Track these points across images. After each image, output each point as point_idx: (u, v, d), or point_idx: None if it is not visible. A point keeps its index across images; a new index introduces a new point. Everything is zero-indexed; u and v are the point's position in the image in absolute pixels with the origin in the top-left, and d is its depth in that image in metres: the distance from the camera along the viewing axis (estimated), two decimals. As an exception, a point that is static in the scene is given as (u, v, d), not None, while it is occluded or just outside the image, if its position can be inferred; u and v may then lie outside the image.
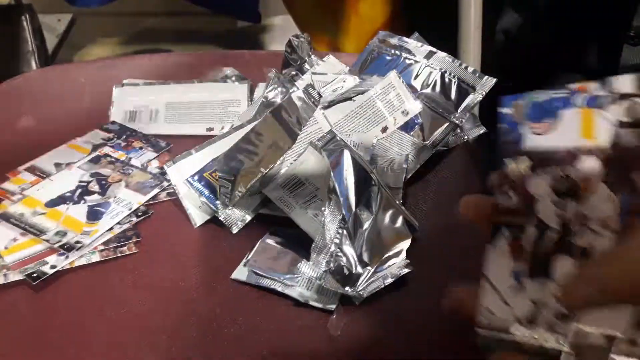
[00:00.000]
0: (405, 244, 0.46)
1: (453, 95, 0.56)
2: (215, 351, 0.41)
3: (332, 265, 0.43)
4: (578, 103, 0.25)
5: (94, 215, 0.49)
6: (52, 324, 0.42)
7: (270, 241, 0.48)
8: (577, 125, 0.24)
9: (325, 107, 0.54)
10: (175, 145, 0.58)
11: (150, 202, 0.52)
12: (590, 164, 0.24)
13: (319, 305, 0.43)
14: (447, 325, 0.43)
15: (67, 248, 0.46)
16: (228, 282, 0.45)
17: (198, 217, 0.50)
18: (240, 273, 0.45)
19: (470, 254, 0.48)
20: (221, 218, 0.49)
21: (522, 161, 0.25)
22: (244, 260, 0.46)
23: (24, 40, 1.09)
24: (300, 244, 0.47)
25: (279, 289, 0.44)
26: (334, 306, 0.43)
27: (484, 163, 0.58)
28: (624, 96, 0.23)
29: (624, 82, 0.23)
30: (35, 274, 0.44)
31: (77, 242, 0.47)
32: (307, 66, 0.62)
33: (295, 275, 0.44)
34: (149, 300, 0.44)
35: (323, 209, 0.47)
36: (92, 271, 0.46)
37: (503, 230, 0.26)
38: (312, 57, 0.63)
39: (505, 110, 0.26)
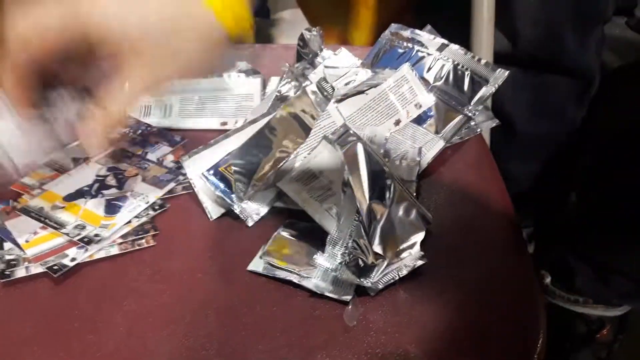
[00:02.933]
0: (420, 236, 0.46)
1: (466, 88, 0.56)
2: (233, 341, 0.42)
3: (347, 257, 0.44)
4: None
5: (111, 208, 0.50)
6: (72, 315, 0.43)
7: (285, 234, 0.49)
8: None
9: (338, 101, 0.54)
10: (189, 140, 0.59)
11: (167, 196, 0.52)
12: None
13: (335, 296, 0.43)
14: (462, 317, 0.43)
15: (87, 241, 0.47)
16: (245, 274, 0.46)
17: (214, 211, 0.51)
18: (257, 265, 0.46)
19: (484, 245, 0.49)
20: (237, 211, 0.50)
21: None
22: (259, 253, 0.47)
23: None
24: (314, 236, 0.48)
25: (295, 281, 0.44)
26: (349, 297, 0.43)
27: (496, 155, 0.59)
28: None
29: None
30: (56, 267, 0.45)
31: (96, 235, 0.48)
32: (319, 59, 0.63)
33: (311, 267, 0.45)
34: (167, 292, 0.45)
35: (338, 201, 0.47)
36: (111, 264, 0.47)
37: None
38: (325, 50, 0.63)
39: None
